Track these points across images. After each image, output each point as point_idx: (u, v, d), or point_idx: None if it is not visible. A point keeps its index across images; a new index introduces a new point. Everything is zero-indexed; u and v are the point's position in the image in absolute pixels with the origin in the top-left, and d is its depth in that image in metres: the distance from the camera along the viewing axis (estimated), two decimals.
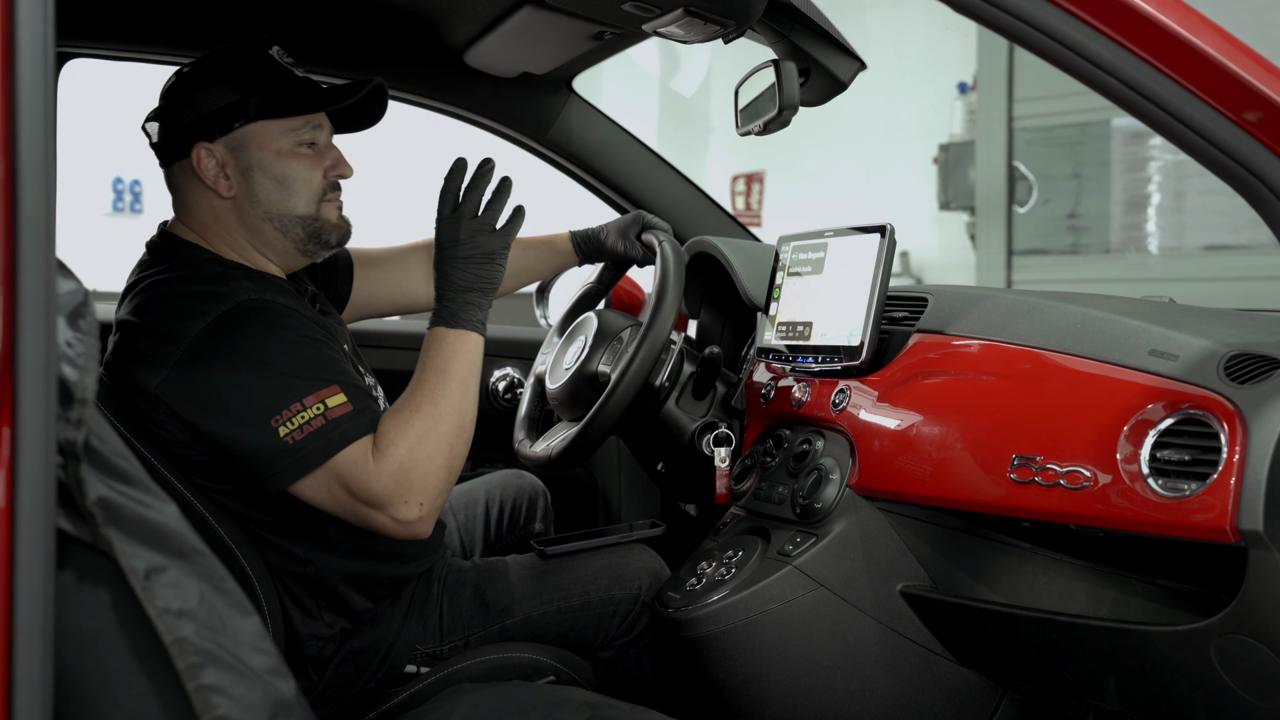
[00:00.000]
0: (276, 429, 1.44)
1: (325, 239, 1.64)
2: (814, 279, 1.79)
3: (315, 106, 1.61)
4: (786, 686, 1.62)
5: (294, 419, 1.44)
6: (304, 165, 1.60)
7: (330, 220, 1.64)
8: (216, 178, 1.58)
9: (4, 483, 0.78)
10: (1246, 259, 6.07)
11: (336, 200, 1.65)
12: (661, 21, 1.68)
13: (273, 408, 1.44)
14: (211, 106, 1.56)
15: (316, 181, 1.61)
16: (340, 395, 1.47)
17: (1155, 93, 1.20)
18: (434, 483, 1.49)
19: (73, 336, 0.87)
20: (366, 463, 1.47)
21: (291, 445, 1.44)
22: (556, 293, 2.39)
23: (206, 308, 1.50)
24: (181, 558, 0.92)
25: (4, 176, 0.79)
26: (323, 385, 1.47)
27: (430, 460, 1.49)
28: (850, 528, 1.61)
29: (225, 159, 1.57)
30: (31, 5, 0.81)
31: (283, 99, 1.58)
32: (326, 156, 1.63)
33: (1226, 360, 1.26)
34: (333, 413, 1.46)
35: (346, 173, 1.65)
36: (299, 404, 1.45)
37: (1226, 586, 1.26)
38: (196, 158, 1.57)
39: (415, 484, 1.48)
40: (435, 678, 1.65)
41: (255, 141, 1.58)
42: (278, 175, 1.59)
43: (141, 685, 0.86)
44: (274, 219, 1.60)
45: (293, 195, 1.60)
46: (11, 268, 0.79)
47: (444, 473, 1.51)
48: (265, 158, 1.58)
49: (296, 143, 1.60)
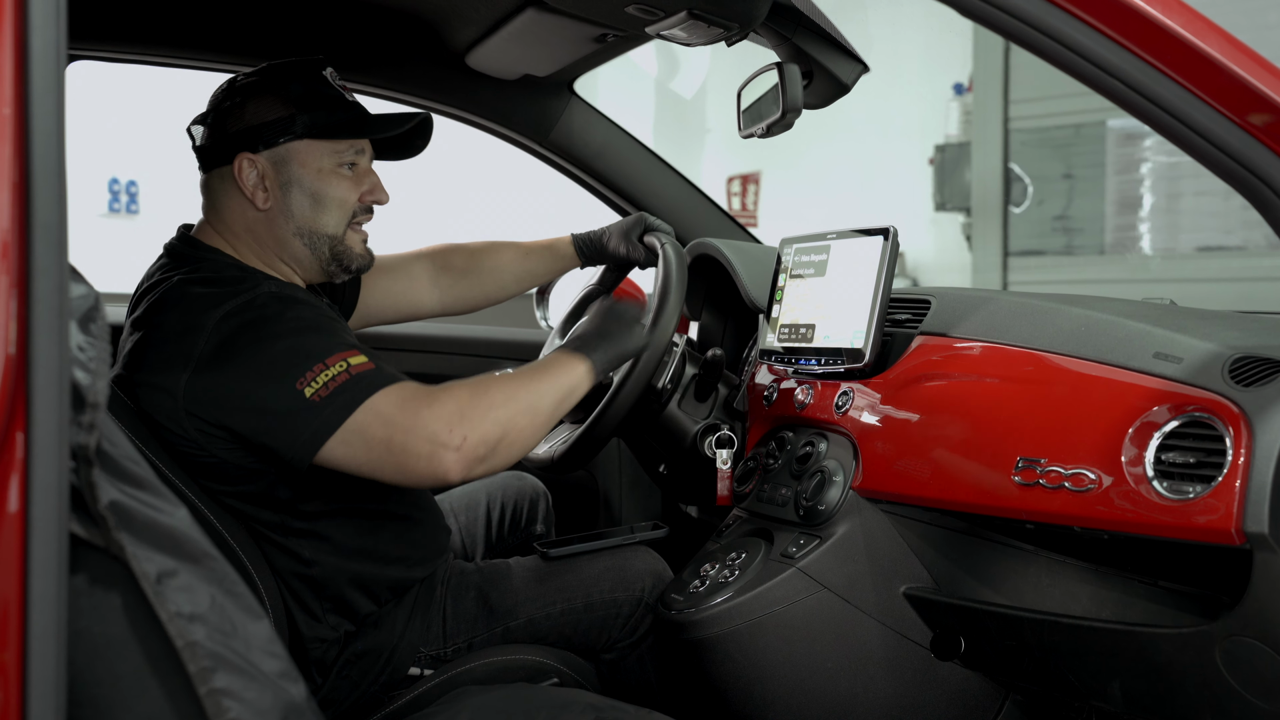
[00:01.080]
0: (301, 390, 1.43)
1: (347, 264, 1.67)
2: (816, 281, 1.79)
3: (362, 132, 1.63)
4: (790, 688, 1.62)
5: (318, 378, 1.43)
6: (342, 186, 1.62)
7: (353, 248, 1.66)
8: (255, 188, 1.60)
9: (18, 487, 0.78)
10: (1240, 260, 6.09)
11: (365, 225, 1.68)
12: (665, 24, 1.68)
13: (297, 371, 1.44)
14: (260, 119, 1.58)
15: (351, 203, 1.64)
16: (361, 355, 1.46)
17: (1159, 95, 1.21)
18: (485, 430, 1.43)
19: (85, 341, 0.87)
20: (410, 398, 1.43)
21: (318, 403, 1.42)
22: (557, 295, 2.39)
23: (226, 300, 1.51)
24: (193, 562, 0.92)
25: (17, 181, 0.79)
26: (345, 348, 1.46)
27: (491, 410, 1.45)
28: (854, 530, 1.62)
29: (266, 171, 1.59)
30: (44, 12, 0.81)
31: (331, 120, 1.60)
32: (365, 181, 1.65)
33: (1231, 363, 1.26)
34: (355, 368, 1.44)
35: (382, 199, 1.67)
36: (321, 364, 1.43)
37: (1229, 588, 1.26)
38: (238, 167, 1.59)
39: (466, 420, 1.42)
40: (439, 680, 1.65)
41: (298, 158, 1.60)
42: (315, 193, 1.61)
43: (153, 689, 0.86)
44: (304, 235, 1.62)
45: (325, 213, 1.62)
46: (25, 273, 0.79)
47: (498, 427, 1.44)
48: (306, 175, 1.60)
49: (338, 163, 1.62)
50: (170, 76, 2.10)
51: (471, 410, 1.44)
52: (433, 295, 1.99)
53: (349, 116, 1.63)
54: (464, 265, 2.01)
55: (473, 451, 1.43)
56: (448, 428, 1.41)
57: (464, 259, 2.01)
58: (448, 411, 1.43)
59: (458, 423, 1.42)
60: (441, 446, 1.41)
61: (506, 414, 1.46)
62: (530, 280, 2.06)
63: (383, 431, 1.43)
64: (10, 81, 0.79)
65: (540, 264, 2.03)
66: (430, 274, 1.99)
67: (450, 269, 2.00)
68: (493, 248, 2.03)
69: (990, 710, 1.64)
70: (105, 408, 0.86)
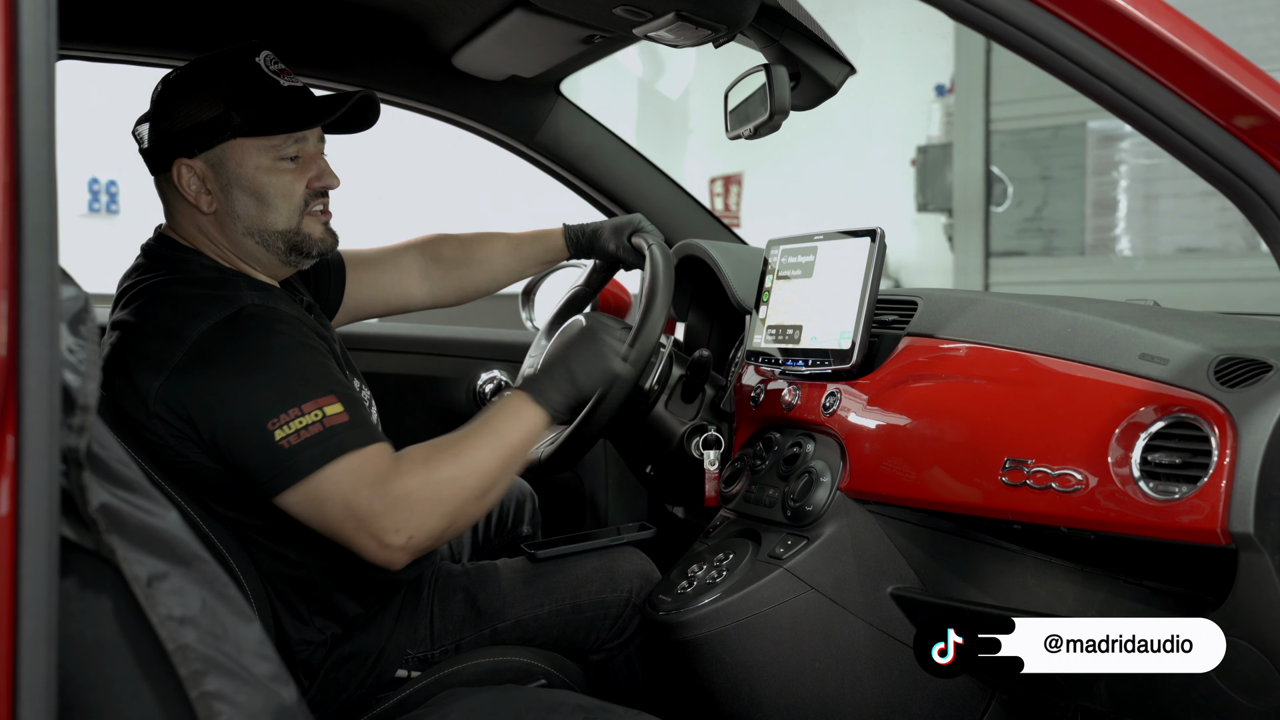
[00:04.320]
0: (273, 432, 1.42)
1: (307, 251, 1.62)
2: (803, 282, 1.80)
3: (298, 125, 1.58)
4: (777, 689, 1.63)
5: (291, 423, 1.41)
6: (284, 180, 1.58)
7: (313, 235, 1.62)
8: (198, 194, 1.56)
9: (8, 490, 0.78)
10: (1219, 261, 6.14)
11: (322, 211, 1.63)
12: (652, 26, 1.69)
13: (271, 411, 1.42)
14: (193, 120, 1.54)
15: (298, 195, 1.59)
16: (338, 405, 1.44)
17: (1146, 99, 1.22)
18: (430, 526, 1.44)
19: (74, 343, 0.87)
20: (368, 478, 1.43)
21: (287, 450, 1.42)
22: (542, 295, 2.39)
23: (209, 310, 1.49)
24: (183, 564, 0.91)
25: (7, 182, 0.79)
26: (321, 394, 1.45)
27: (439, 504, 1.45)
28: (841, 530, 1.62)
29: (205, 174, 1.55)
30: (34, 13, 0.80)
31: (265, 116, 1.55)
32: (310, 168, 1.60)
33: (1216, 364, 1.27)
34: (330, 420, 1.43)
35: (332, 183, 1.62)
36: (297, 409, 1.42)
37: (1213, 588, 1.27)
38: (177, 173, 1.55)
39: (414, 518, 1.43)
40: (426, 682, 1.65)
41: (234, 158, 1.55)
42: (256, 191, 1.57)
43: (144, 693, 0.86)
44: (254, 234, 1.58)
45: (271, 211, 1.58)
46: (15, 275, 0.79)
47: (445, 521, 1.45)
48: (244, 174, 1.56)
49: (277, 158, 1.57)
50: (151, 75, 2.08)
51: (420, 503, 1.43)
52: (423, 287, 1.97)
53: (284, 108, 1.57)
54: (454, 256, 1.98)
55: (418, 546, 1.45)
56: (394, 526, 1.42)
57: (454, 249, 1.99)
58: (397, 504, 1.42)
59: (405, 519, 1.42)
60: (386, 546, 1.43)
61: (455, 502, 1.46)
62: (521, 270, 2.04)
63: (335, 509, 1.43)
64: (0, 82, 0.79)
65: (531, 254, 2.01)
66: (420, 265, 1.97)
67: (440, 260, 1.98)
68: (483, 238, 2.01)
69: (976, 710, 1.65)
70: (95, 410, 0.86)
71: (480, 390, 2.47)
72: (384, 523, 1.42)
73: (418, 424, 2.05)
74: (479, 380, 2.48)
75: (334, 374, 1.51)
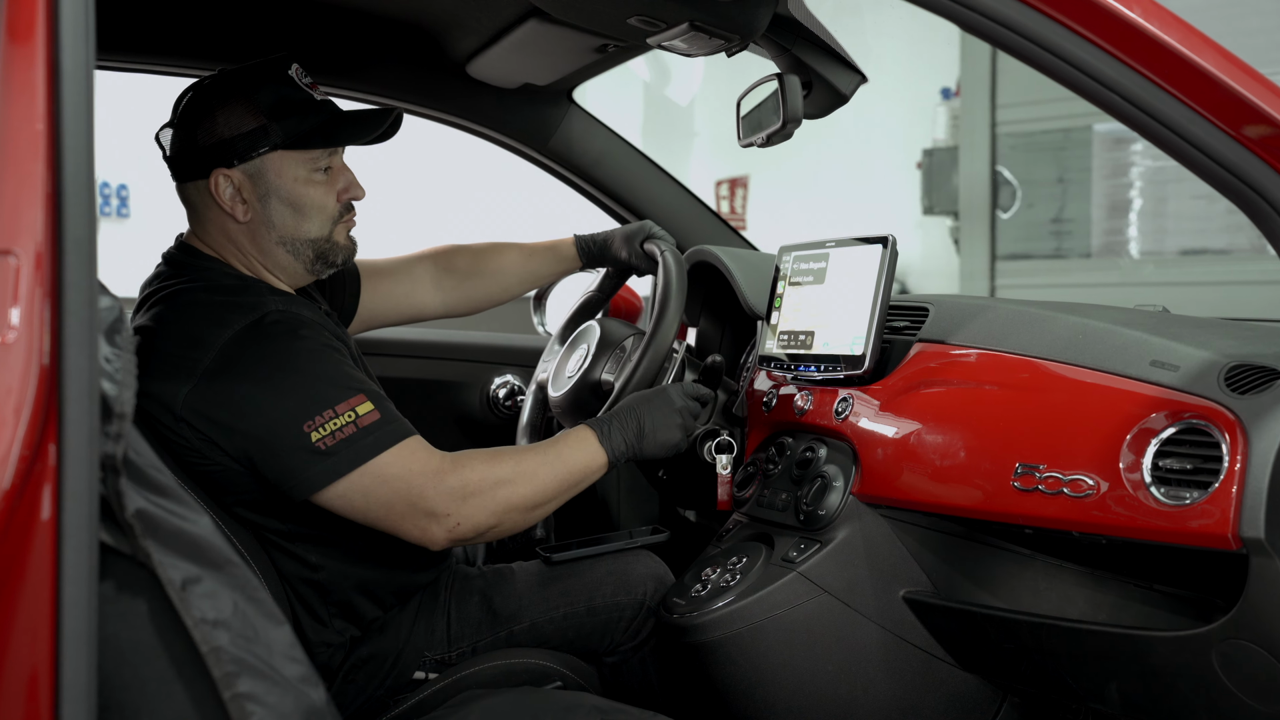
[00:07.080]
0: (309, 434, 1.46)
1: (332, 259, 1.67)
2: (815, 289, 1.81)
3: (336, 140, 1.62)
4: (790, 691, 1.64)
5: (326, 425, 1.46)
6: (320, 191, 1.62)
7: (339, 243, 1.67)
8: (233, 202, 1.59)
9: (51, 497, 0.80)
10: (1225, 264, 6.14)
11: (350, 222, 1.68)
12: (666, 36, 1.70)
13: (305, 414, 1.46)
14: (232, 131, 1.57)
15: (331, 206, 1.64)
16: (368, 403, 1.49)
17: (1156, 109, 1.23)
18: (479, 519, 1.53)
19: (111, 352, 0.89)
20: (416, 467, 1.50)
21: (325, 450, 1.46)
22: (554, 300, 2.41)
23: (233, 317, 1.52)
24: (216, 568, 0.93)
25: (49, 194, 0.81)
26: (351, 394, 1.49)
27: (491, 501, 1.53)
28: (853, 534, 1.64)
29: (243, 184, 1.58)
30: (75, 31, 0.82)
31: (305, 131, 1.59)
32: (340, 179, 1.65)
33: (1227, 371, 1.29)
34: (363, 420, 1.48)
35: (359, 194, 1.67)
36: (331, 410, 1.47)
37: (1223, 592, 1.29)
38: (214, 182, 1.58)
39: (465, 507, 1.51)
40: (443, 684, 1.67)
41: (274, 169, 1.59)
42: (294, 202, 1.61)
43: (179, 694, 0.88)
44: (287, 243, 1.62)
45: (307, 220, 1.62)
46: (57, 286, 0.81)
47: (493, 519, 1.54)
48: (283, 185, 1.60)
49: (313, 169, 1.61)
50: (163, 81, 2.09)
51: (474, 495, 1.52)
52: (435, 297, 2.00)
53: (322, 122, 1.61)
54: (467, 267, 2.01)
55: (462, 535, 1.53)
56: (446, 509, 1.50)
57: (467, 260, 2.02)
58: (452, 490, 1.51)
59: (458, 504, 1.51)
60: (437, 524, 1.51)
61: (505, 504, 1.54)
62: (533, 281, 2.07)
63: (385, 494, 1.49)
64: (43, 98, 0.81)
65: (543, 265, 2.04)
66: (433, 276, 1.99)
67: (453, 270, 2.01)
68: (495, 249, 2.04)
69: (988, 712, 1.66)
70: (131, 418, 0.88)
71: (494, 395, 2.49)
72: (435, 506, 1.50)
73: (432, 428, 2.06)
74: (493, 385, 2.49)
75: (359, 374, 1.55)
